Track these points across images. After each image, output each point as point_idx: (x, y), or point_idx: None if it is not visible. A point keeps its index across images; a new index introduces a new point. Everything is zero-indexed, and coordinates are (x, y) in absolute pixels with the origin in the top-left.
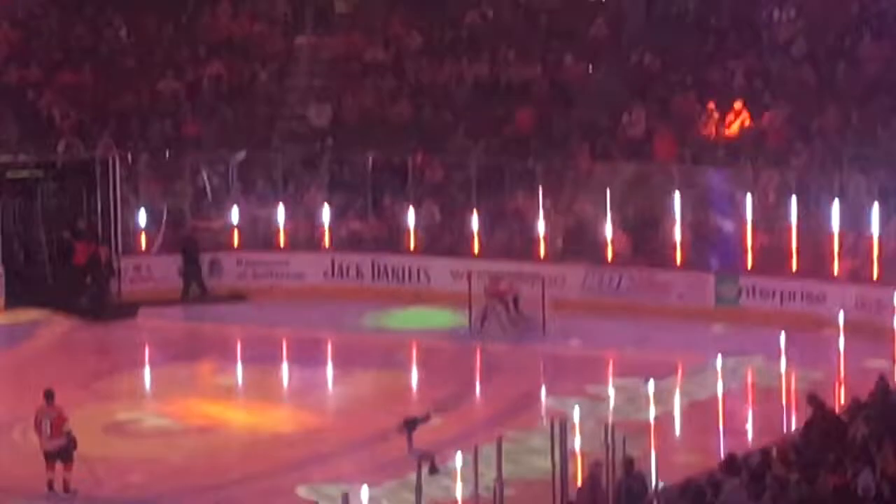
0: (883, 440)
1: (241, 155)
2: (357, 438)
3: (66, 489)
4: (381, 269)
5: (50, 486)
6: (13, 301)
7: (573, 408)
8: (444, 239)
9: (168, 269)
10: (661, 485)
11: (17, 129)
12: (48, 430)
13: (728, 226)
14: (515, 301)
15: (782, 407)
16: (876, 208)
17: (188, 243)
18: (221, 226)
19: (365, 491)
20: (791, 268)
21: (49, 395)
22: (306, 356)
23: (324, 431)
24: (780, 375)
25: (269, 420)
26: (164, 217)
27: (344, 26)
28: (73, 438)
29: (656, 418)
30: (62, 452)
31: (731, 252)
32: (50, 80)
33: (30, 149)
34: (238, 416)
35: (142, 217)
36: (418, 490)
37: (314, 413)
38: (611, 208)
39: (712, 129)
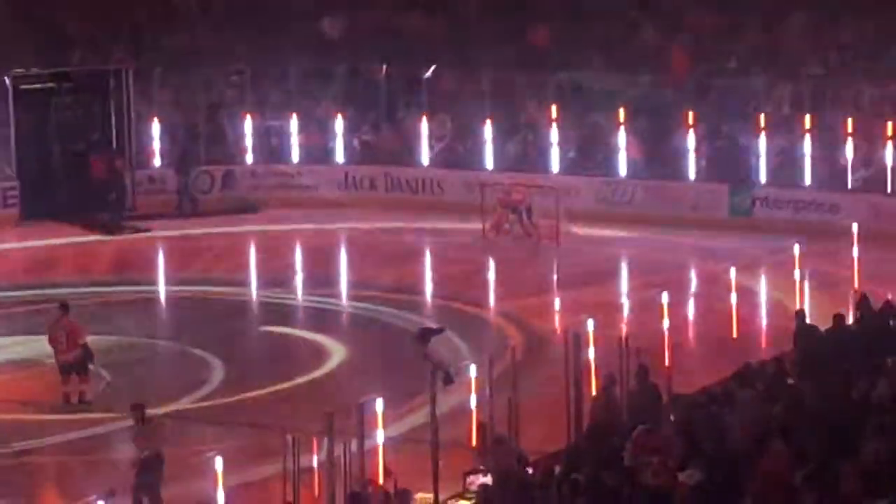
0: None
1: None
2: (372, 350)
3: (82, 400)
4: (395, 181)
5: (66, 398)
6: (29, 212)
7: (586, 319)
8: (457, 151)
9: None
10: (674, 394)
11: (31, 41)
12: (63, 343)
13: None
14: (528, 211)
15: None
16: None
17: (180, 158)
18: None
19: (380, 402)
20: (805, 179)
21: (63, 308)
22: (318, 268)
23: (339, 344)
24: (794, 284)
25: (287, 332)
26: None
27: None
28: (88, 350)
29: (670, 329)
30: (77, 365)
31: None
32: None
33: (43, 61)
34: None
35: (155, 129)
36: (432, 400)
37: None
38: (624, 120)
39: None
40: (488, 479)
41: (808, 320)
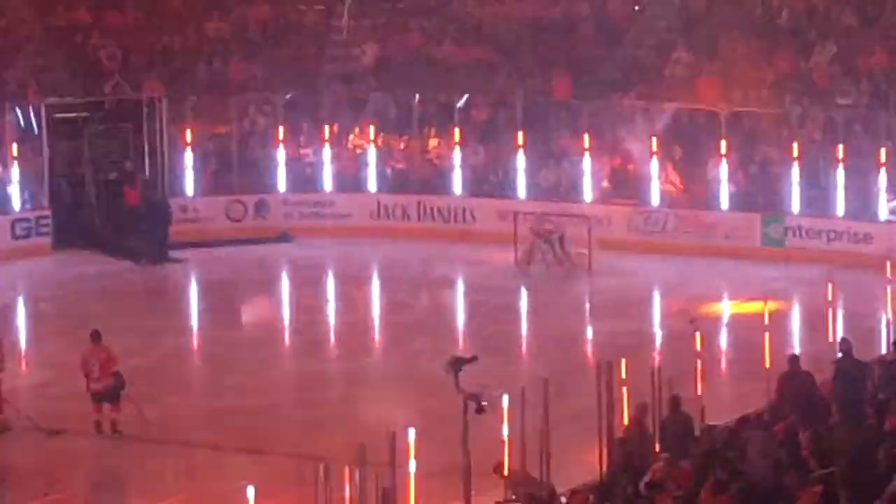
0: None
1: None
2: (404, 377)
3: (115, 429)
4: (427, 209)
5: (98, 426)
6: (61, 242)
7: (619, 348)
8: (489, 179)
9: (214, 209)
10: (707, 424)
11: (65, 70)
12: (96, 372)
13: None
14: (561, 241)
15: (830, 347)
16: None
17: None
18: None
19: (412, 432)
20: (837, 208)
21: (96, 337)
22: (350, 297)
23: (370, 369)
24: (825, 315)
25: (316, 356)
26: (212, 158)
27: None
28: (121, 379)
29: (703, 358)
30: (109, 393)
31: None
32: (97, 21)
33: (77, 90)
34: (290, 357)
35: (188, 158)
36: (464, 429)
37: (360, 350)
38: (657, 149)
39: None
40: None
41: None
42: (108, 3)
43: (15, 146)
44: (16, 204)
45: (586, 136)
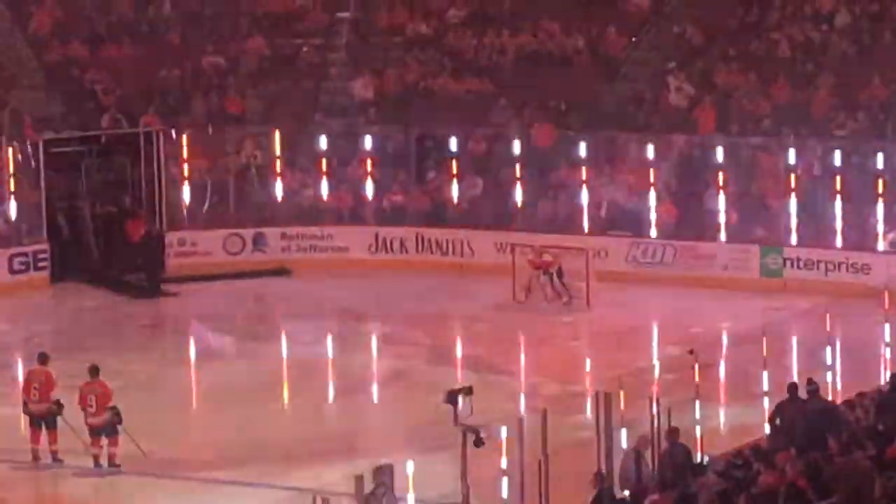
0: None
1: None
2: (402, 409)
3: (112, 463)
4: (425, 242)
5: (96, 461)
6: (59, 275)
7: (617, 380)
8: (487, 211)
9: (213, 242)
10: (706, 456)
11: (62, 105)
12: (93, 406)
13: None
14: (559, 273)
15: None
16: None
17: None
18: None
19: (410, 465)
20: (836, 239)
21: (94, 371)
22: (349, 330)
23: (369, 405)
24: (825, 345)
25: (314, 390)
26: (209, 191)
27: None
28: (117, 413)
29: (701, 389)
30: (107, 428)
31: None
32: (93, 55)
33: (74, 124)
34: (289, 390)
35: (186, 192)
36: (464, 462)
37: (359, 384)
38: (654, 180)
39: None
40: None
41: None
42: (104, 38)
43: (12, 181)
44: (13, 238)
45: (584, 168)
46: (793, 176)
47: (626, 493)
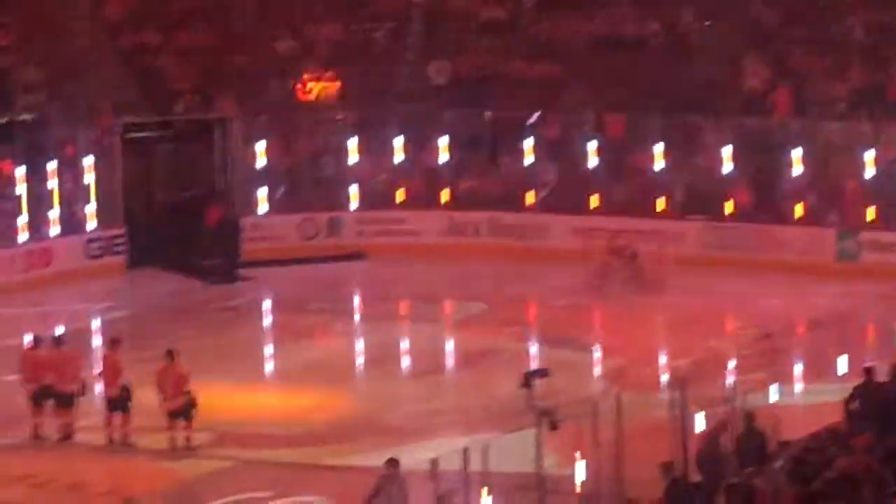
0: None
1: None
2: (477, 393)
3: (188, 446)
4: (500, 226)
5: (172, 443)
6: (135, 261)
7: (693, 363)
8: (562, 196)
9: (288, 227)
10: (782, 440)
11: (137, 91)
12: (169, 390)
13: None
14: (634, 257)
15: None
16: None
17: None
18: None
19: (485, 449)
20: None
21: (170, 355)
22: (424, 313)
23: (443, 386)
24: None
25: (389, 374)
26: (283, 176)
27: None
28: (194, 398)
29: (777, 373)
30: (183, 411)
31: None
32: (168, 41)
33: (149, 110)
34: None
35: (260, 176)
36: (539, 445)
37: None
38: (730, 163)
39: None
40: None
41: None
42: (179, 24)
43: (88, 166)
44: (90, 224)
45: (660, 152)
46: (868, 159)
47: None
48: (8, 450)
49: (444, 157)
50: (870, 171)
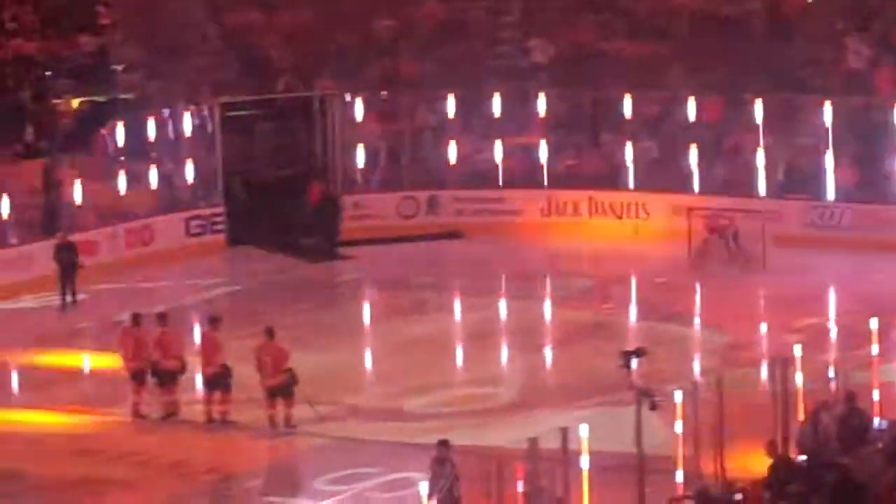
0: None
1: None
2: (575, 372)
3: (288, 425)
4: (599, 205)
5: (272, 422)
6: (235, 239)
7: (794, 343)
8: (662, 174)
9: (387, 206)
10: (884, 421)
11: (237, 69)
12: (269, 368)
13: None
14: (735, 236)
15: None
16: None
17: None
18: None
19: (584, 428)
20: None
21: (269, 333)
22: (521, 290)
23: (542, 366)
24: None
25: (488, 353)
26: (383, 155)
27: None
28: (294, 375)
29: (879, 354)
30: (283, 389)
31: None
32: (269, 21)
33: (250, 89)
34: (463, 353)
35: (360, 155)
36: (638, 425)
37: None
38: (832, 142)
39: None
40: None
41: None
42: (279, 3)
43: (189, 144)
44: (190, 201)
45: (760, 131)
46: None
47: (804, 457)
48: (109, 428)
49: (543, 135)
50: None
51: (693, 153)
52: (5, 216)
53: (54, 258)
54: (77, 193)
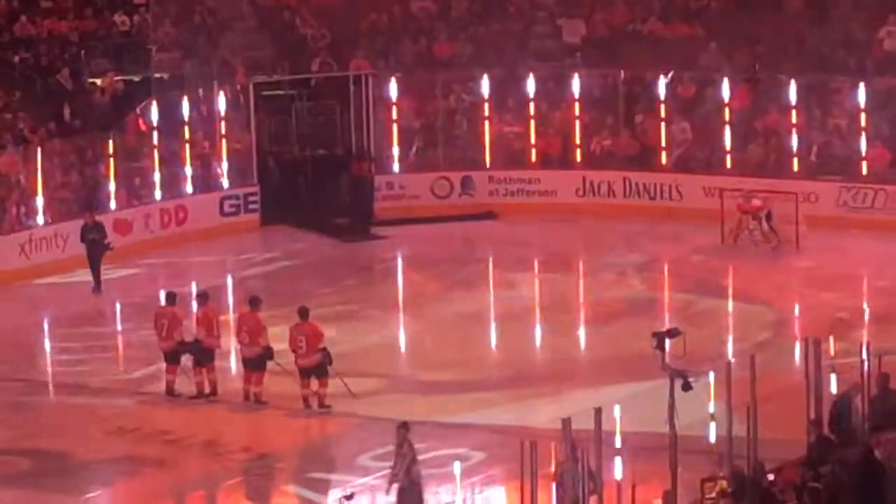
0: None
1: None
2: (609, 352)
3: (322, 405)
4: (633, 186)
5: (306, 402)
6: (269, 218)
7: (828, 325)
8: (696, 155)
9: (421, 186)
10: None
11: (273, 49)
12: (303, 348)
13: None
14: (768, 217)
15: None
16: None
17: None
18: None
19: (617, 410)
20: None
21: (303, 313)
22: (557, 270)
23: (575, 346)
24: None
25: (521, 333)
26: (417, 135)
27: None
28: (328, 355)
29: None
30: (317, 369)
31: None
32: (304, 0)
33: (285, 68)
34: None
35: (394, 135)
36: (671, 407)
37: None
38: (866, 123)
39: None
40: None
41: None
42: None
43: (223, 124)
44: (225, 181)
45: (794, 112)
46: None
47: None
48: (143, 406)
49: (577, 116)
50: None
51: (727, 134)
52: (40, 195)
53: (81, 239)
54: (111, 172)
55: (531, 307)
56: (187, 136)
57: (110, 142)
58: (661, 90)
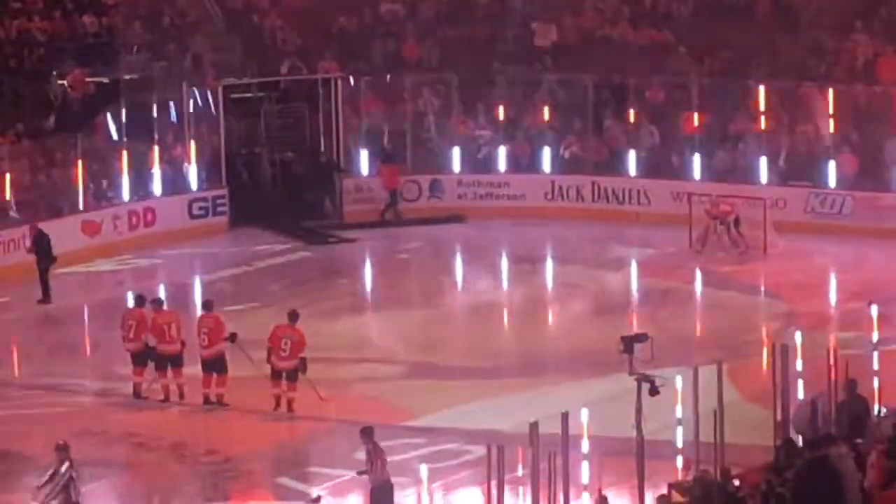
0: None
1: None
2: (576, 358)
3: (290, 409)
4: (601, 191)
5: (277, 401)
6: (237, 220)
7: (794, 330)
8: (664, 160)
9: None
10: (884, 409)
11: (242, 51)
12: (286, 350)
13: None
14: (736, 223)
15: None
16: None
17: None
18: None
19: (585, 414)
20: None
21: (293, 316)
22: (521, 276)
23: (541, 352)
24: None
25: (488, 337)
26: (386, 138)
27: None
28: (304, 364)
29: (880, 341)
30: (291, 373)
31: None
32: (273, 3)
33: (254, 71)
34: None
35: (363, 138)
36: (638, 412)
37: (532, 332)
38: (834, 131)
39: None
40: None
41: None
42: None
43: (192, 126)
44: (193, 183)
45: (763, 118)
46: None
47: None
48: (110, 409)
49: (546, 120)
50: None
51: (695, 139)
52: (7, 196)
53: (29, 250)
54: (79, 174)
55: (499, 309)
56: (156, 137)
57: (78, 144)
58: (630, 95)
